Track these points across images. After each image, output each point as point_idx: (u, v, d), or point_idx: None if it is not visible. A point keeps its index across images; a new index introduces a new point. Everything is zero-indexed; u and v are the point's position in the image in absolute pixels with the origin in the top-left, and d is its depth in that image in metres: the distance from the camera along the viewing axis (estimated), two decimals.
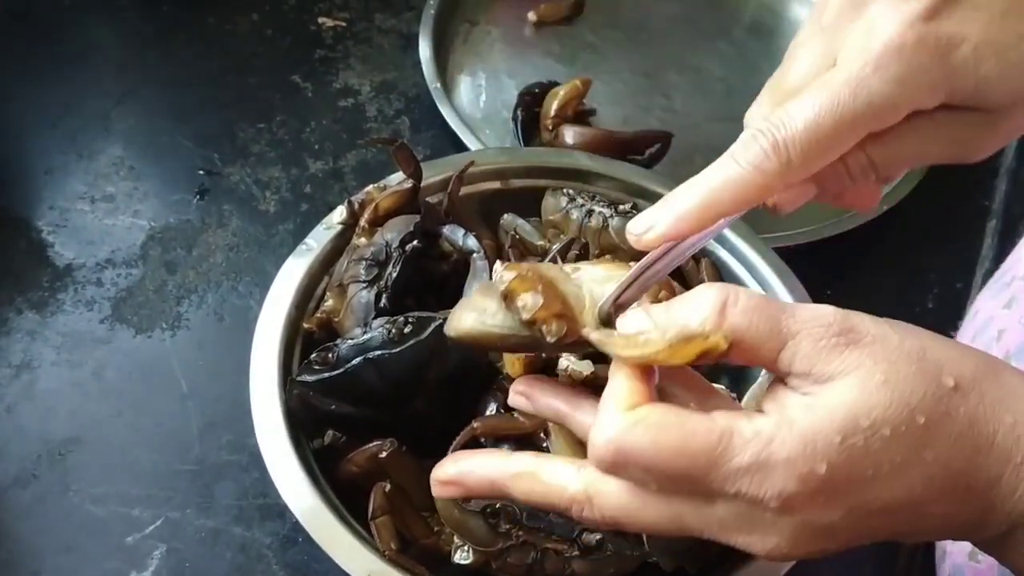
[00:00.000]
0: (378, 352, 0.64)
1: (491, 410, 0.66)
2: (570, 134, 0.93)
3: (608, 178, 0.84)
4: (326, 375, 0.64)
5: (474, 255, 0.73)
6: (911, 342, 0.40)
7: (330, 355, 0.64)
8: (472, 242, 0.72)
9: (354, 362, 0.64)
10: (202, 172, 0.93)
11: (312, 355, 0.65)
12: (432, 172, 0.78)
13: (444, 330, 0.47)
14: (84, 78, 0.99)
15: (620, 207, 0.79)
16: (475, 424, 0.63)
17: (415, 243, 0.72)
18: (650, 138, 0.94)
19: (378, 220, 0.74)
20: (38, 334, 0.80)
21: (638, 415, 0.39)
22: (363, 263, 0.71)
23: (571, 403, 0.46)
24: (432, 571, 0.61)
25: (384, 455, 0.63)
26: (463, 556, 0.63)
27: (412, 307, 0.71)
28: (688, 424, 0.39)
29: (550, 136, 0.94)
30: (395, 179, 0.78)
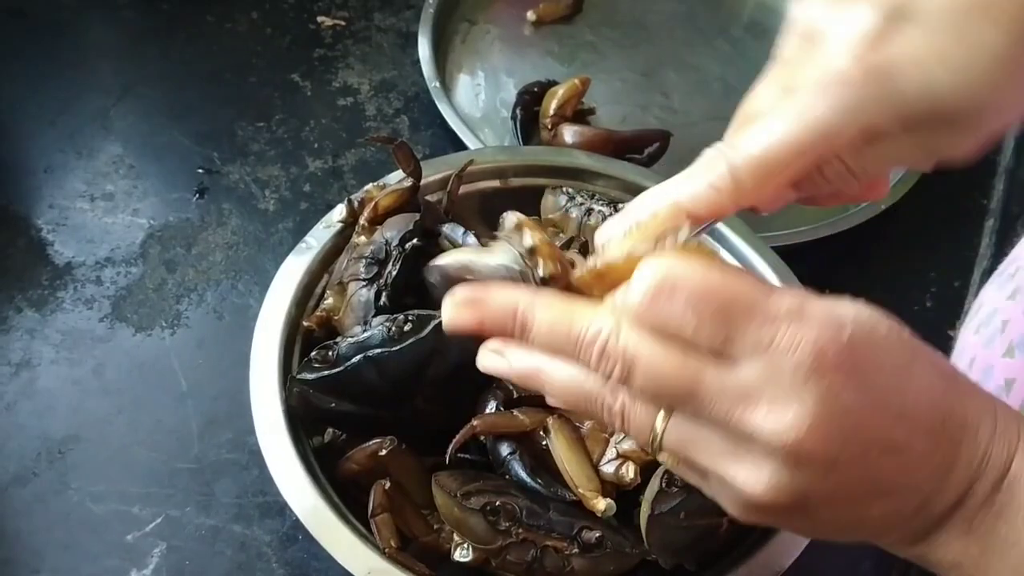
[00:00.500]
0: (378, 350, 0.64)
1: (491, 408, 0.66)
2: (569, 133, 0.93)
3: (607, 177, 0.84)
4: (326, 373, 0.64)
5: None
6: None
7: (330, 353, 0.65)
8: (472, 240, 0.72)
9: (354, 360, 0.64)
10: (201, 170, 0.93)
11: (312, 353, 0.66)
12: (431, 171, 0.79)
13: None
14: (83, 76, 0.99)
15: (620, 206, 0.79)
16: (475, 422, 0.64)
17: (415, 241, 0.72)
18: (649, 137, 0.94)
19: (378, 218, 0.74)
20: (38, 332, 0.80)
21: (688, 258, 0.41)
22: (363, 261, 0.72)
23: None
24: (432, 569, 0.61)
25: (384, 453, 0.63)
26: (463, 554, 0.63)
27: (412, 305, 0.71)
28: (735, 272, 0.41)
29: (549, 135, 0.94)
30: (394, 178, 0.78)
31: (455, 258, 0.66)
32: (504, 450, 0.65)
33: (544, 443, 0.65)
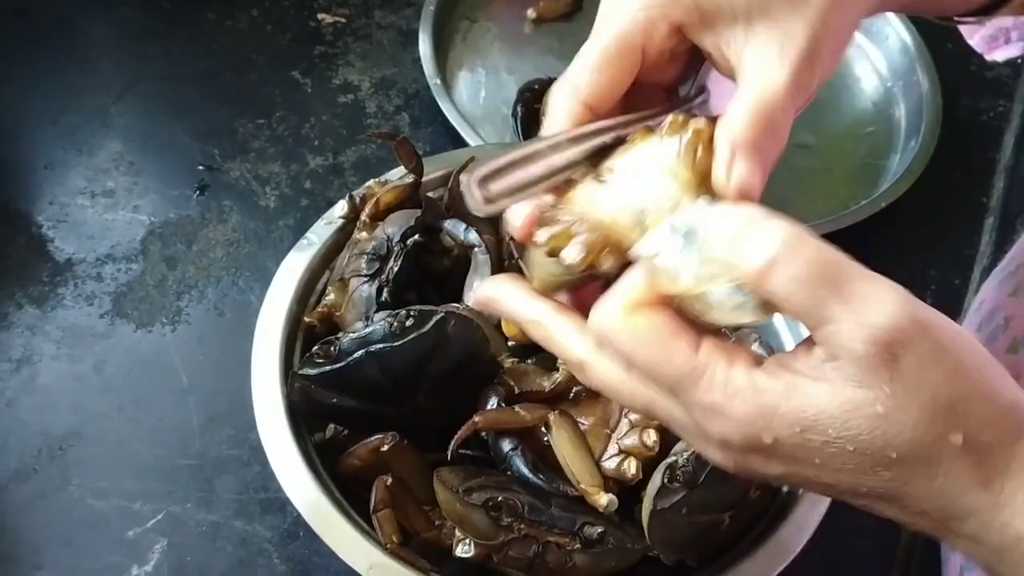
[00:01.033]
0: (380, 345, 0.64)
1: (492, 404, 0.66)
2: None
3: None
4: (328, 368, 0.64)
5: (475, 249, 0.73)
6: (950, 390, 0.38)
7: (332, 348, 0.65)
8: (473, 236, 0.73)
9: (356, 355, 0.64)
10: (202, 167, 0.93)
11: (314, 348, 0.66)
12: (432, 167, 0.79)
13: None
14: (84, 73, 0.99)
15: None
16: (476, 418, 0.64)
17: (416, 237, 0.72)
18: None
19: (379, 215, 0.75)
20: (38, 329, 0.80)
21: (632, 322, 0.40)
22: (364, 257, 0.72)
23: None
24: (434, 564, 0.62)
25: (386, 448, 0.63)
26: (465, 549, 0.63)
27: (413, 301, 0.72)
28: (669, 347, 0.40)
29: None
30: (396, 174, 0.78)
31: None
32: (506, 446, 0.65)
33: (546, 439, 0.65)
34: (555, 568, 0.62)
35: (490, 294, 0.47)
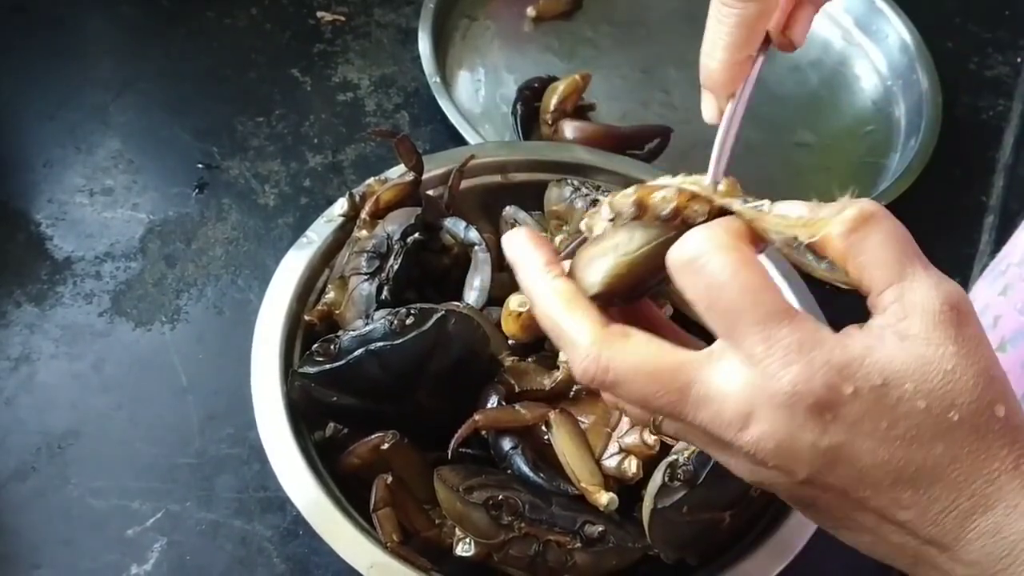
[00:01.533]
0: (380, 343, 0.64)
1: (492, 402, 0.66)
2: (569, 129, 0.93)
3: (608, 172, 0.84)
4: (328, 366, 0.64)
5: (475, 248, 0.73)
6: (997, 364, 0.40)
7: (332, 346, 0.64)
8: (474, 235, 0.73)
9: (356, 353, 0.64)
10: (201, 166, 0.92)
11: (314, 346, 0.65)
12: (432, 165, 0.79)
13: (586, 287, 0.44)
14: (83, 71, 0.99)
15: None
16: (477, 417, 0.64)
17: (416, 235, 0.72)
18: (649, 133, 0.94)
19: (379, 213, 0.74)
20: (37, 327, 0.80)
21: (732, 255, 0.40)
22: (364, 255, 0.71)
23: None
24: (434, 563, 0.61)
25: (386, 447, 0.63)
26: (465, 548, 0.62)
27: (413, 299, 0.72)
28: (768, 280, 0.40)
29: (550, 130, 0.94)
30: (395, 172, 0.78)
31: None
32: (506, 445, 0.65)
33: (546, 437, 0.65)
34: (556, 567, 0.62)
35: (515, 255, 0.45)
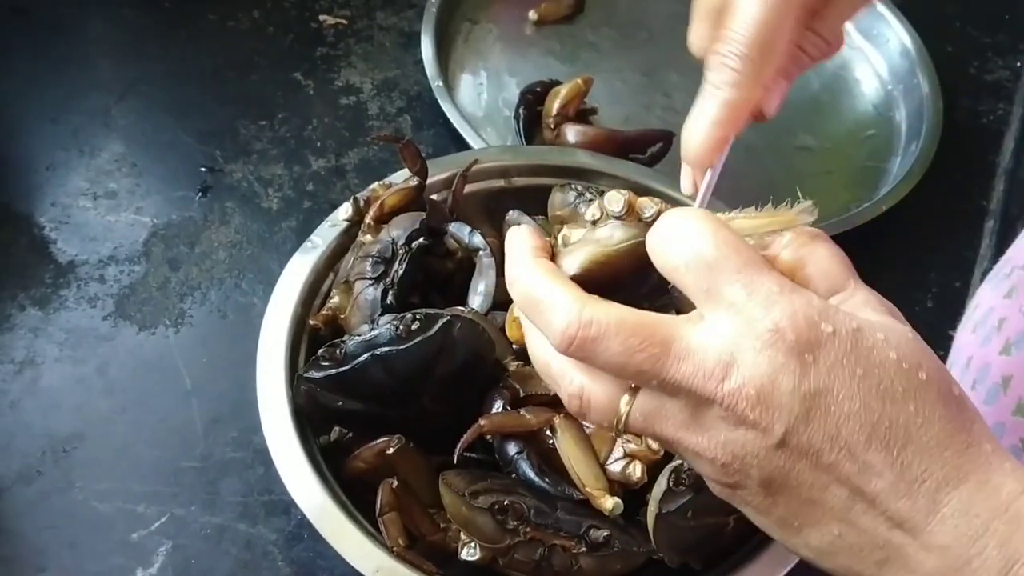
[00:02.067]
0: (385, 348, 0.64)
1: (497, 407, 0.66)
2: (572, 133, 0.93)
3: (610, 176, 0.84)
4: (333, 371, 0.64)
5: (480, 252, 0.73)
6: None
7: (337, 351, 0.65)
8: (478, 240, 0.73)
9: (361, 358, 0.64)
10: (204, 169, 0.93)
11: (319, 351, 0.66)
12: (436, 170, 0.79)
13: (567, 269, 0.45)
14: (85, 74, 0.99)
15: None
16: (482, 421, 0.64)
17: (421, 240, 0.72)
18: (652, 137, 0.94)
19: (383, 217, 0.75)
20: (41, 331, 0.80)
21: (709, 223, 0.42)
22: (369, 260, 0.72)
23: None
24: (439, 567, 0.62)
25: (392, 451, 0.63)
26: (470, 552, 0.63)
27: (417, 304, 0.72)
28: (741, 239, 0.42)
29: (552, 134, 0.94)
30: (399, 177, 0.78)
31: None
32: (511, 449, 0.65)
33: (551, 442, 0.65)
34: (560, 571, 0.62)
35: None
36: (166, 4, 1.06)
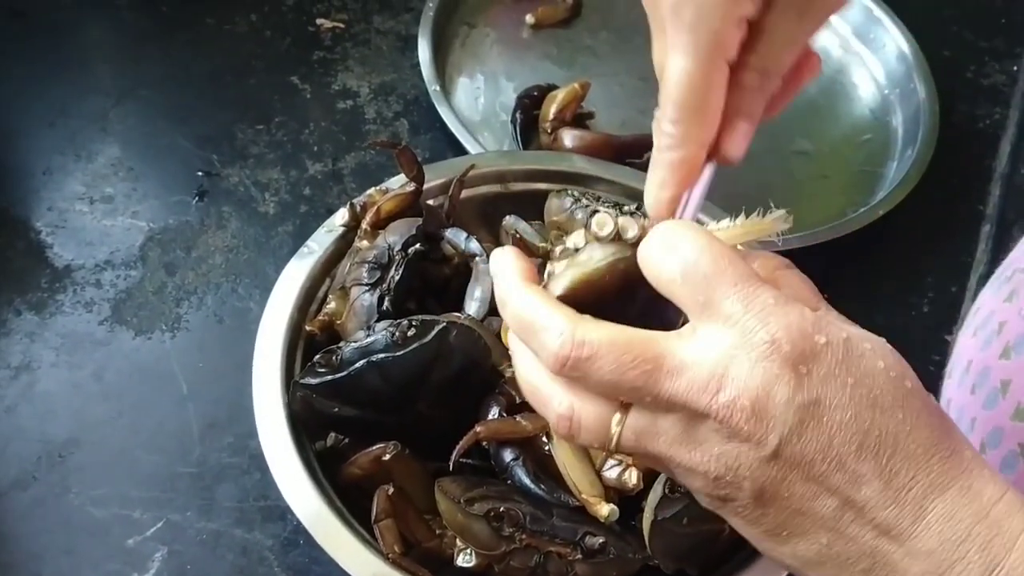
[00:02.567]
0: (382, 355, 0.64)
1: (494, 414, 0.66)
2: (569, 137, 0.93)
3: (607, 181, 0.84)
4: (330, 377, 0.64)
5: (476, 258, 0.73)
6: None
7: (334, 357, 0.65)
8: (475, 246, 0.73)
9: (358, 365, 0.64)
10: (201, 173, 0.93)
11: (316, 357, 0.66)
12: (433, 175, 0.79)
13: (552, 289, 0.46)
14: (83, 78, 0.99)
15: (624, 208, 0.80)
16: (478, 428, 0.64)
17: (417, 246, 0.72)
18: (648, 142, 0.92)
19: (380, 223, 0.75)
20: (37, 335, 0.80)
21: (702, 235, 0.43)
22: (365, 266, 0.72)
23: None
24: (435, 574, 0.62)
25: (388, 458, 0.63)
26: (466, 559, 0.63)
27: (413, 310, 0.72)
28: (735, 252, 0.43)
29: (549, 139, 0.95)
30: (395, 182, 0.78)
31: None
32: (507, 456, 0.65)
33: (547, 448, 0.65)
34: None
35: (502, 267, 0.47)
36: (163, 8, 1.06)
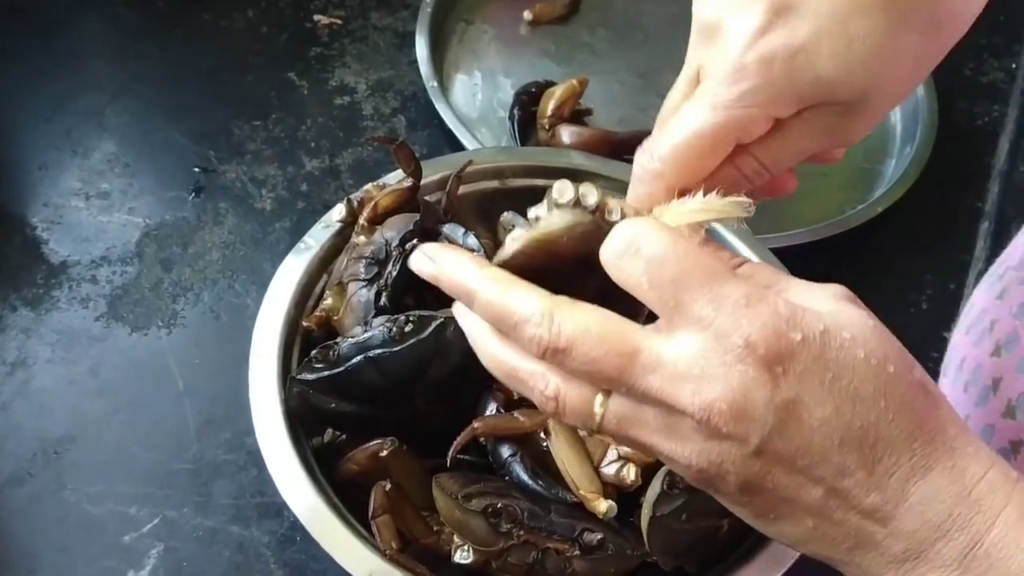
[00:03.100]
0: (379, 350, 0.64)
1: (491, 410, 0.66)
2: (567, 134, 0.93)
3: (605, 178, 0.83)
4: (327, 373, 0.64)
5: (474, 254, 0.72)
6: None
7: (331, 353, 0.64)
8: (472, 241, 0.72)
9: (355, 360, 0.64)
10: (198, 169, 0.92)
11: (312, 353, 0.65)
12: (430, 171, 0.78)
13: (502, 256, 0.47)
14: (79, 73, 0.98)
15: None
16: (476, 424, 0.64)
17: (415, 242, 0.71)
18: (645, 138, 0.94)
19: (377, 218, 0.74)
20: (33, 331, 0.79)
21: (667, 233, 0.43)
22: (363, 261, 0.71)
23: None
24: (433, 570, 0.61)
25: (385, 454, 0.63)
26: (463, 556, 0.63)
27: (411, 306, 0.71)
28: (703, 248, 0.43)
29: (547, 135, 0.94)
30: (393, 177, 0.78)
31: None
32: (505, 452, 0.65)
33: (545, 445, 0.65)
34: (554, 574, 0.62)
35: (436, 259, 0.48)
36: (160, 4, 1.06)
